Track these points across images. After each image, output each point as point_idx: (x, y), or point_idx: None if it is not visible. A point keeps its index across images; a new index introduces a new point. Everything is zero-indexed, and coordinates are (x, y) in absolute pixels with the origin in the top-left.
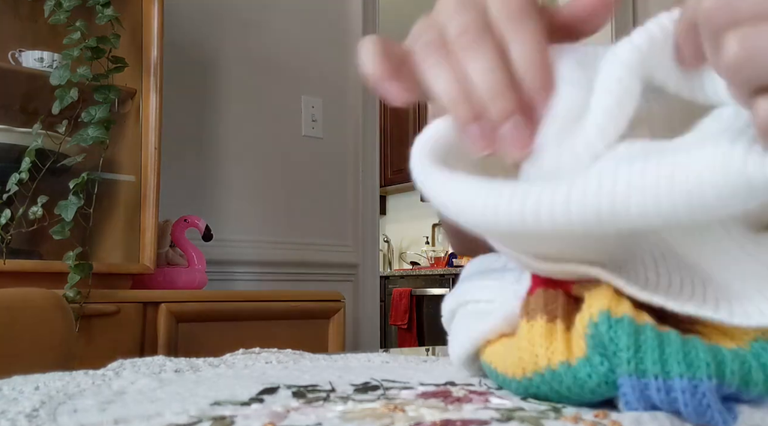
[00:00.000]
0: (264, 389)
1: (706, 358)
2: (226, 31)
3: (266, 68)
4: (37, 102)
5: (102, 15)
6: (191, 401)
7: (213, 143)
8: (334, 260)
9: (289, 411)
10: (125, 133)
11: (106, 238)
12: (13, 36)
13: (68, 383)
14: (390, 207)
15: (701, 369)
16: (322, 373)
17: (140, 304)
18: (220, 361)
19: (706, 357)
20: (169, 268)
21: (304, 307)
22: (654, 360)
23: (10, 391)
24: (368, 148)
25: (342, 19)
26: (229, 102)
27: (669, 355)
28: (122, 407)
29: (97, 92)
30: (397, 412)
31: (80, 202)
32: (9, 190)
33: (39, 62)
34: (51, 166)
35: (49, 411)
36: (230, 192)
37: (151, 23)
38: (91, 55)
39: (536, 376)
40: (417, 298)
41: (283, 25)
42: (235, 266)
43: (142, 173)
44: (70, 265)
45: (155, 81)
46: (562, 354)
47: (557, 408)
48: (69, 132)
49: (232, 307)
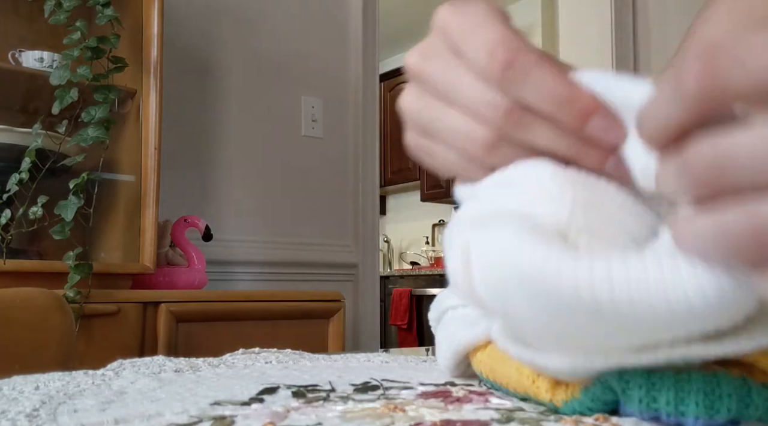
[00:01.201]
0: (264, 389)
1: (728, 402)
2: (226, 31)
3: (266, 68)
4: (37, 102)
5: (102, 15)
6: (191, 401)
7: (213, 143)
8: (334, 260)
9: (289, 411)
10: (125, 133)
11: (106, 238)
12: (13, 36)
13: (68, 383)
14: (390, 207)
15: (722, 412)
16: (322, 373)
17: (140, 304)
18: (219, 361)
19: (728, 401)
20: (169, 268)
21: (304, 307)
22: (668, 400)
23: (10, 391)
24: (368, 148)
25: (342, 19)
26: (229, 102)
27: (686, 395)
28: (122, 407)
29: (97, 92)
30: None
31: (80, 202)
32: (9, 190)
33: (39, 62)
34: (51, 166)
35: (49, 411)
36: (230, 192)
37: (151, 23)
38: (91, 55)
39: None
40: (417, 298)
41: (283, 25)
42: (235, 266)
43: (142, 173)
44: (70, 265)
45: (155, 81)
46: (564, 394)
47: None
48: (69, 132)
49: (232, 307)
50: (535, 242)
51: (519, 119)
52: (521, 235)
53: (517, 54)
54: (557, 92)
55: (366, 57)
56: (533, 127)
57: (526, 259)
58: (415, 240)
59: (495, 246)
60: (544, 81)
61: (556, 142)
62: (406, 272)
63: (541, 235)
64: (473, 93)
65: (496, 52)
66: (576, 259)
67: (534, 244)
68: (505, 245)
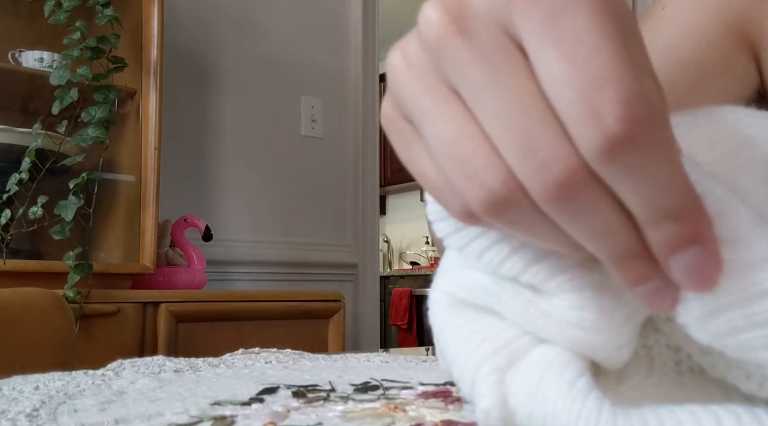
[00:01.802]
0: (264, 389)
1: None
2: (226, 31)
3: (266, 68)
4: (37, 102)
5: (102, 15)
6: (191, 401)
7: (213, 143)
8: (334, 260)
9: (289, 411)
10: (125, 133)
11: (106, 238)
12: (13, 36)
13: (68, 383)
14: (390, 207)
15: None
16: (322, 373)
17: (140, 304)
18: (219, 361)
19: None
20: (169, 268)
21: (304, 307)
22: None
23: (10, 391)
24: (368, 148)
25: (342, 19)
26: (229, 102)
27: None
28: (122, 407)
29: (97, 92)
30: (398, 412)
31: (80, 202)
32: (9, 190)
33: (39, 62)
34: (51, 166)
35: (49, 411)
36: (230, 192)
37: (151, 23)
38: (91, 55)
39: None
40: (417, 298)
41: (283, 26)
42: (235, 266)
43: (142, 173)
44: (70, 265)
45: (155, 81)
46: None
47: None
48: (69, 132)
49: (232, 307)
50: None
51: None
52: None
53: (638, 123)
54: (672, 201)
55: (366, 57)
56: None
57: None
58: (415, 240)
59: (539, 401)
60: (662, 175)
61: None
62: (406, 272)
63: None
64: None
65: (603, 110)
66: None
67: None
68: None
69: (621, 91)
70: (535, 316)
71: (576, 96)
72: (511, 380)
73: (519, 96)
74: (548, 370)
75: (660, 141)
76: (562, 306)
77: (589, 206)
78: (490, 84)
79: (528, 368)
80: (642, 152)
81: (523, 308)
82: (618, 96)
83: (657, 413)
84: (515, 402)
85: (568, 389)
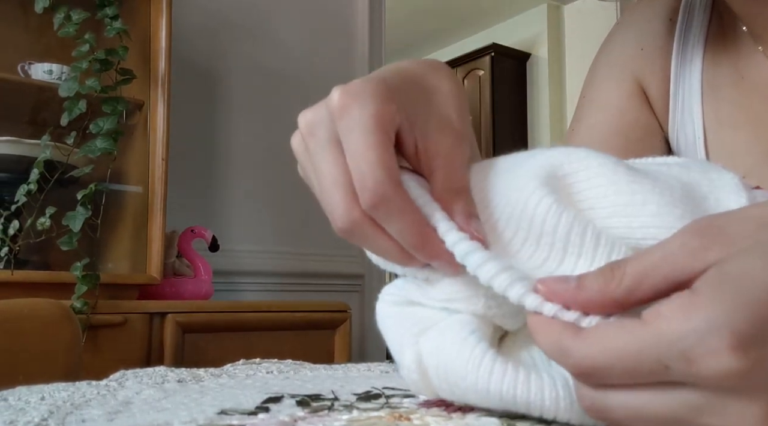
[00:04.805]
0: (268, 398)
1: None
2: (233, 43)
3: (273, 79)
4: (45, 113)
5: (111, 28)
6: (198, 410)
7: (220, 154)
8: (340, 271)
9: (296, 420)
10: (133, 144)
11: (113, 248)
12: (22, 48)
13: (73, 393)
14: None
15: None
16: (324, 383)
17: (147, 315)
18: (221, 371)
19: None
20: (175, 279)
21: (310, 317)
22: None
23: (16, 402)
24: None
25: (349, 29)
26: (236, 113)
27: None
28: (130, 417)
29: (106, 104)
30: (403, 420)
31: (88, 213)
32: (17, 201)
33: (48, 74)
34: (59, 177)
35: (58, 421)
36: (237, 202)
37: (159, 35)
38: (99, 67)
39: None
40: None
41: (289, 37)
42: (242, 277)
43: (150, 184)
44: (78, 275)
45: (163, 92)
46: None
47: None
48: (77, 143)
49: (238, 318)
50: (470, 349)
51: (366, 231)
52: (461, 345)
53: (382, 199)
54: (412, 241)
55: (372, 68)
56: (378, 239)
57: (462, 364)
58: None
59: (441, 353)
60: (402, 228)
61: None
62: None
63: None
64: (333, 192)
65: (364, 191)
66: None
67: (469, 350)
68: (449, 353)
69: (370, 180)
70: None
71: (354, 175)
72: (424, 342)
73: (339, 164)
74: (448, 330)
75: (395, 210)
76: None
77: (384, 220)
78: (325, 156)
79: (435, 331)
80: (383, 215)
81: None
82: (368, 184)
83: (531, 355)
84: (427, 358)
85: (461, 342)
